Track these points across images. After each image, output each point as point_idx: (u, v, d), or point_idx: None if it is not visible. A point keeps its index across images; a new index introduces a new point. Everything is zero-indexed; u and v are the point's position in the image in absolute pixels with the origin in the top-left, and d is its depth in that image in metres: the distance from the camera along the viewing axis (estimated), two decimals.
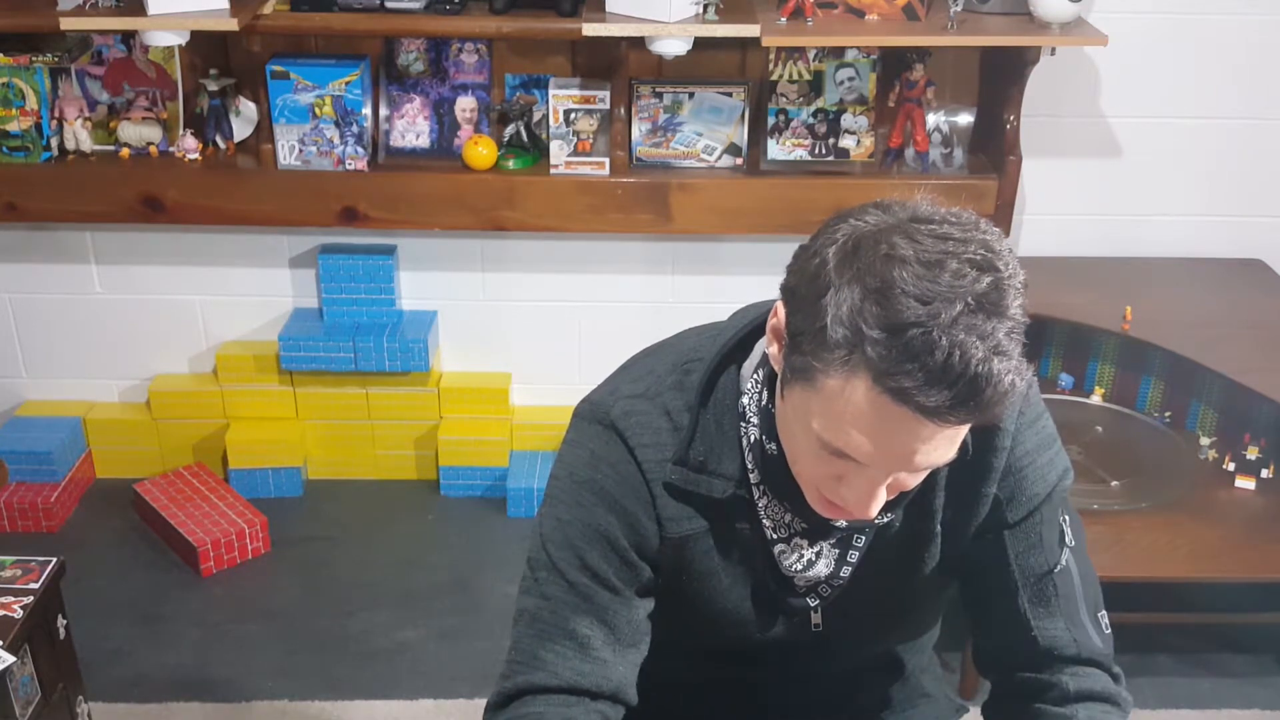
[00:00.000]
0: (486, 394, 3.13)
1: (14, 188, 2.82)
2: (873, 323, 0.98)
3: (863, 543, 1.25)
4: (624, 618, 1.24)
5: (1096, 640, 1.28)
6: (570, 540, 1.23)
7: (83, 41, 2.84)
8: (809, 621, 1.31)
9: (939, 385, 0.97)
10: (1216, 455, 2.63)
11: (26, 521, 3.01)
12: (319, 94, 2.77)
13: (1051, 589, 1.26)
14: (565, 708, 1.21)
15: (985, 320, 0.97)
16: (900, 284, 0.98)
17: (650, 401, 1.24)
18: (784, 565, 1.25)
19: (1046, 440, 1.26)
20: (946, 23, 2.59)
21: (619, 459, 1.23)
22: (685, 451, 1.21)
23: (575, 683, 1.21)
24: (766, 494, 1.23)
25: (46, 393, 3.24)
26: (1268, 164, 2.99)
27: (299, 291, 3.11)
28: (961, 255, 0.99)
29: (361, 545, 2.98)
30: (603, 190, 2.81)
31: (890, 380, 0.98)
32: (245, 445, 3.11)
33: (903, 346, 0.97)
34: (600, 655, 1.22)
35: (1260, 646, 2.64)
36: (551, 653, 1.22)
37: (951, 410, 0.98)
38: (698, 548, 1.25)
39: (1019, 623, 1.27)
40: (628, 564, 1.23)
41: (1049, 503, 1.26)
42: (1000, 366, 0.97)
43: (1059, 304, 2.79)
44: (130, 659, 2.62)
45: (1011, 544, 1.26)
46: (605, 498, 1.22)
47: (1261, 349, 2.62)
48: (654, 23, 2.55)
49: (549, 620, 1.23)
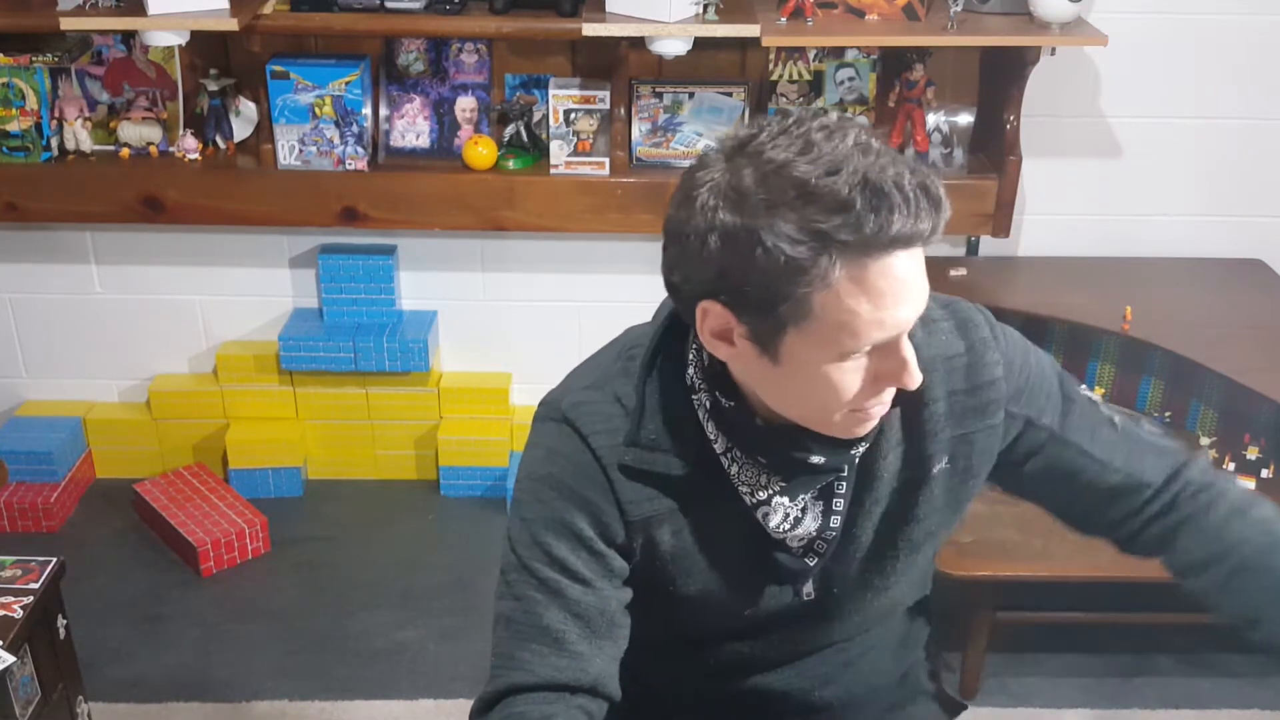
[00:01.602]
0: (486, 394, 3.13)
1: (14, 188, 2.82)
2: (821, 216, 1.01)
3: (844, 488, 1.24)
4: (596, 609, 1.23)
5: (1170, 443, 1.35)
6: (536, 538, 1.23)
7: (83, 41, 2.84)
8: (801, 592, 1.30)
9: (904, 212, 1.01)
10: (1216, 455, 2.63)
11: (26, 521, 3.01)
12: (319, 94, 2.77)
13: (1125, 444, 1.31)
14: (546, 705, 1.20)
15: (882, 155, 1.03)
16: (807, 175, 1.01)
17: (599, 390, 1.24)
18: (771, 528, 1.23)
19: (1022, 345, 1.30)
20: (946, 23, 2.59)
21: (573, 450, 1.23)
22: (636, 432, 1.21)
23: (552, 678, 1.21)
24: (737, 459, 1.21)
25: (46, 393, 3.24)
26: (1268, 164, 2.99)
27: (299, 291, 3.12)
28: (808, 134, 1.04)
29: (361, 545, 2.98)
30: (603, 190, 2.81)
31: (872, 241, 1.01)
32: (245, 445, 3.11)
33: (859, 209, 1.00)
34: (575, 649, 1.21)
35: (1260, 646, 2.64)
36: (528, 651, 1.22)
37: (924, 225, 1.02)
38: (665, 529, 1.24)
39: (1132, 482, 1.31)
40: (595, 554, 1.23)
41: (1066, 386, 1.31)
42: (922, 170, 1.03)
43: (1059, 304, 2.80)
44: (130, 659, 2.62)
45: (1076, 438, 1.30)
46: (564, 490, 1.22)
47: (1261, 349, 2.62)
48: (654, 23, 2.55)
49: (523, 621, 1.23)
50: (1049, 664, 2.61)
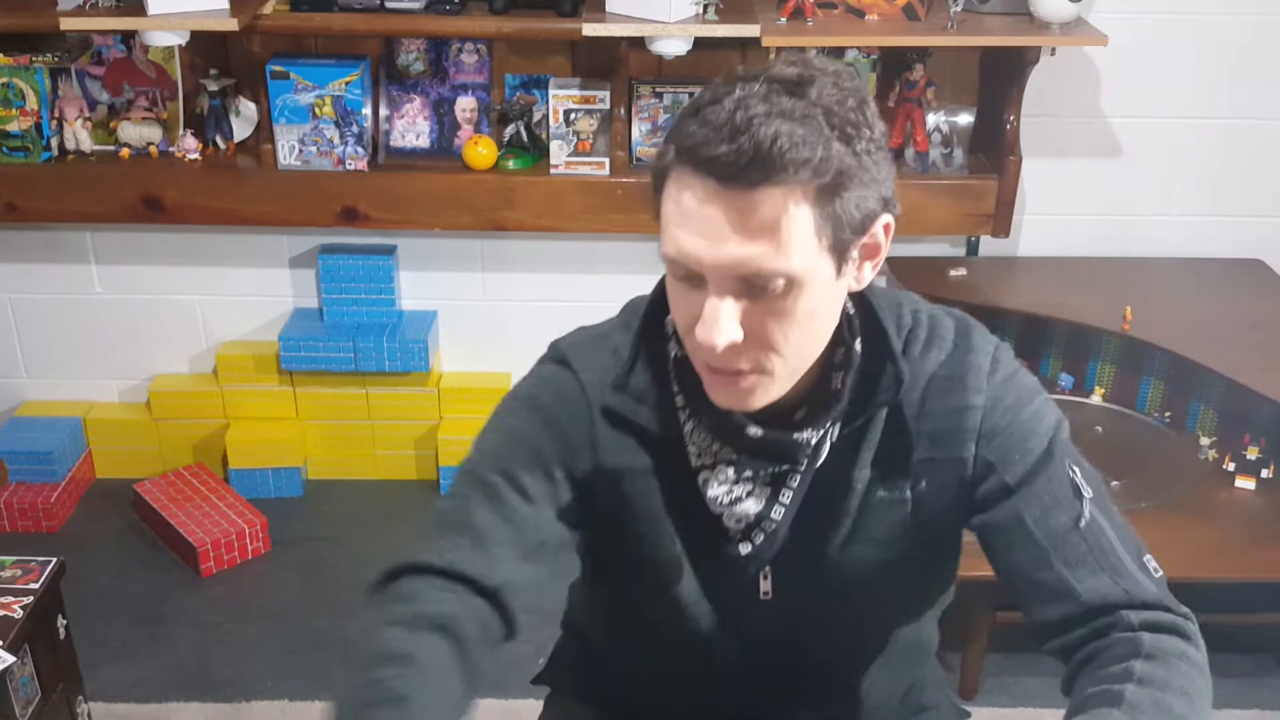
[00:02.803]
0: (486, 394, 3.13)
1: (14, 188, 2.82)
2: (684, 114, 1.05)
3: (797, 482, 1.19)
4: (532, 526, 1.19)
5: (1149, 585, 1.16)
6: (495, 448, 1.22)
7: (83, 41, 2.84)
8: (757, 588, 1.25)
9: (725, 140, 1.00)
10: (1216, 455, 2.63)
11: (26, 521, 3.01)
12: (319, 94, 2.77)
13: (1083, 545, 1.17)
14: (439, 590, 1.15)
15: (782, 97, 1.01)
16: (716, 86, 1.05)
17: (600, 341, 1.25)
18: (708, 498, 1.20)
19: (1025, 395, 1.21)
20: (946, 23, 2.59)
21: (563, 381, 1.23)
22: (625, 377, 1.21)
23: (456, 564, 1.16)
24: (691, 416, 1.20)
25: (46, 393, 3.24)
26: (1268, 164, 2.99)
27: (299, 291, 3.12)
28: (788, 60, 1.06)
29: (361, 545, 2.98)
30: (603, 190, 2.81)
31: (684, 144, 1.03)
32: (245, 445, 3.11)
33: (699, 120, 1.02)
34: (495, 551, 1.17)
35: (1260, 646, 2.64)
36: (445, 540, 1.18)
37: (739, 162, 1.00)
38: (637, 486, 1.22)
39: (1062, 588, 1.17)
40: (550, 478, 1.20)
41: (1050, 456, 1.19)
42: (786, 128, 1.00)
43: (1059, 304, 2.80)
44: (130, 659, 2.62)
45: (1026, 509, 1.18)
46: (541, 412, 1.22)
47: (1261, 349, 2.62)
48: (654, 23, 2.55)
49: (452, 515, 1.20)
50: (1049, 664, 2.58)
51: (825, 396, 1.17)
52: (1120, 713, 1.06)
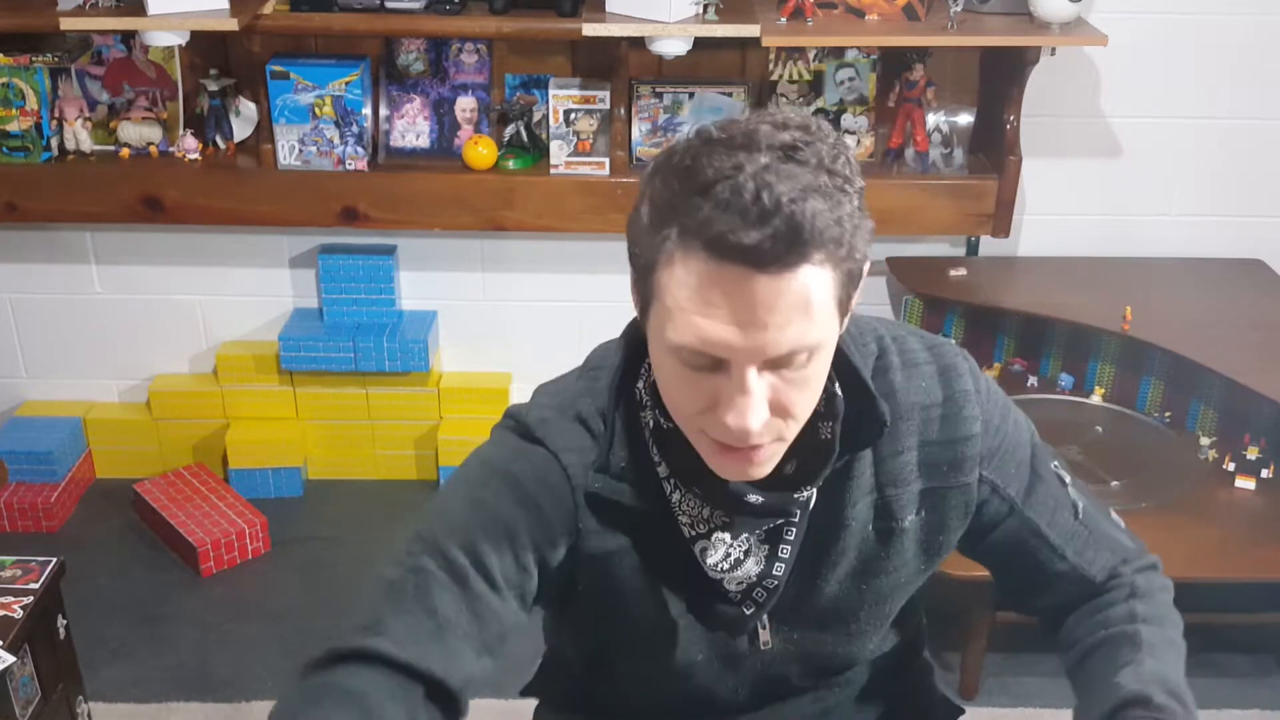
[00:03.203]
0: (486, 394, 3.13)
1: (14, 188, 2.82)
2: (683, 192, 0.96)
3: (794, 535, 1.16)
4: (495, 618, 1.10)
5: (1127, 540, 1.32)
6: (463, 522, 1.11)
7: (83, 41, 2.84)
8: (758, 639, 1.23)
9: (755, 225, 0.93)
10: (1216, 455, 2.63)
11: (26, 521, 3.01)
12: (319, 94, 2.77)
13: (1085, 532, 1.28)
14: (390, 696, 1.03)
15: (797, 168, 0.95)
16: (707, 155, 0.96)
17: (562, 413, 1.16)
18: (708, 565, 1.14)
19: (1004, 405, 1.24)
20: (946, 23, 2.59)
21: (541, 461, 1.14)
22: (606, 458, 1.13)
23: (418, 662, 1.05)
24: (678, 487, 1.14)
25: (46, 393, 3.24)
26: (1268, 164, 2.99)
27: (299, 291, 3.12)
28: (773, 122, 0.98)
29: (361, 545, 2.98)
30: (603, 190, 2.81)
31: (707, 233, 0.95)
32: (245, 445, 3.11)
33: (712, 201, 0.94)
34: (456, 645, 1.07)
35: (1260, 646, 2.64)
36: (402, 624, 1.06)
37: (775, 249, 0.94)
38: (625, 564, 1.16)
39: (1078, 575, 1.28)
40: (521, 566, 1.11)
41: (1037, 460, 1.25)
42: (817, 204, 0.95)
43: (1059, 304, 2.80)
44: (130, 659, 2.62)
45: (1038, 518, 1.25)
46: (518, 490, 1.12)
47: (1261, 349, 2.62)
48: (654, 23, 2.55)
49: (411, 593, 1.08)
50: (1049, 664, 2.60)
51: (816, 446, 1.13)
52: (1148, 656, 1.22)
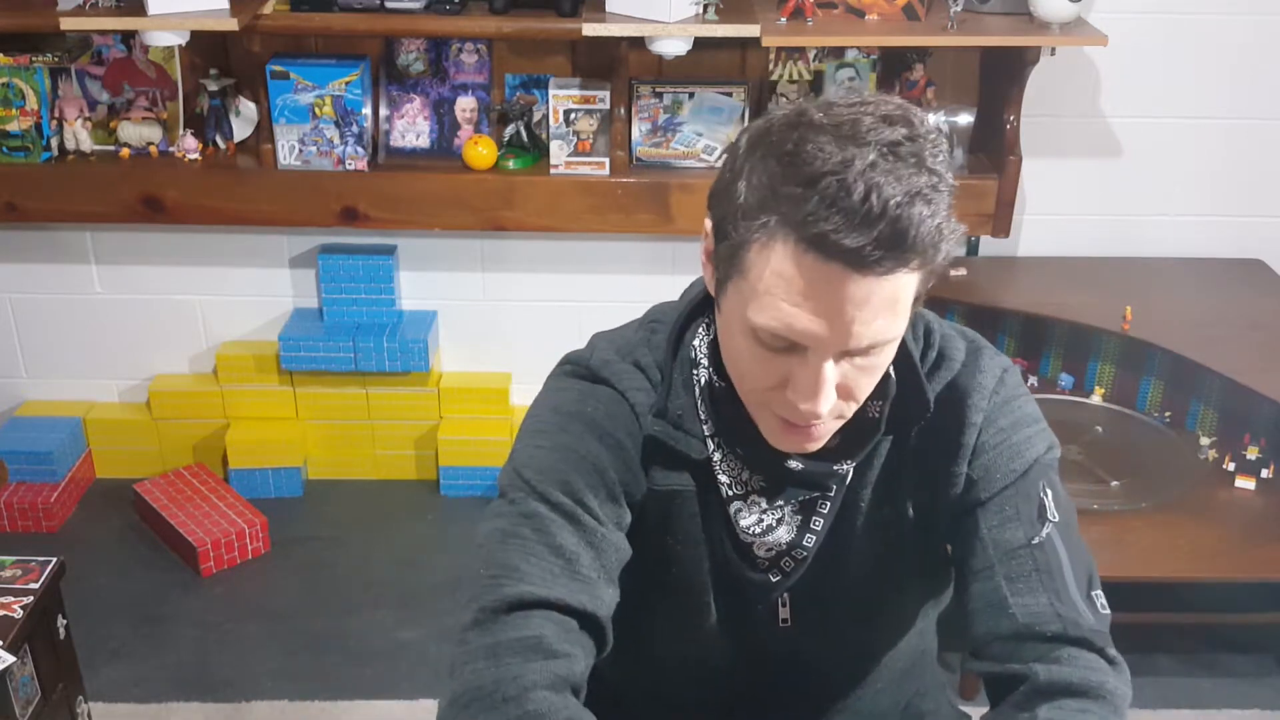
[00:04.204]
0: (486, 394, 3.13)
1: (14, 188, 2.82)
2: (787, 179, 0.97)
3: (828, 509, 1.18)
4: (611, 548, 1.12)
5: (1088, 616, 1.14)
6: (553, 465, 1.13)
7: (83, 41, 2.84)
8: (776, 615, 1.25)
9: (860, 228, 0.95)
10: (1216, 455, 2.63)
11: (26, 521, 3.00)
12: (319, 94, 2.77)
13: (1030, 563, 1.15)
14: (562, 639, 1.06)
15: (903, 167, 0.97)
16: (812, 141, 0.97)
17: (624, 360, 1.20)
18: (741, 526, 1.18)
19: (1023, 419, 1.21)
20: (946, 23, 2.59)
21: (609, 399, 1.17)
22: (665, 403, 1.17)
23: (565, 599, 1.07)
24: (721, 446, 1.17)
25: (46, 393, 3.24)
26: (1268, 164, 2.99)
27: (299, 291, 3.12)
28: (875, 113, 0.99)
29: (361, 545, 2.98)
30: (603, 190, 2.81)
31: (810, 229, 0.96)
32: (245, 445, 3.11)
33: (818, 196, 0.95)
34: (588, 575, 1.09)
35: (1260, 646, 2.64)
36: (536, 567, 1.08)
37: (876, 253, 0.95)
38: (685, 509, 1.19)
39: (996, 599, 1.15)
40: (613, 499, 1.14)
41: (1025, 478, 1.19)
42: (922, 210, 0.96)
43: (1059, 304, 2.80)
44: (130, 659, 2.62)
45: (984, 519, 1.18)
46: (595, 428, 1.15)
47: (1261, 349, 2.62)
48: (654, 23, 2.55)
49: (530, 535, 1.10)
50: None
51: (862, 424, 1.16)
52: None
